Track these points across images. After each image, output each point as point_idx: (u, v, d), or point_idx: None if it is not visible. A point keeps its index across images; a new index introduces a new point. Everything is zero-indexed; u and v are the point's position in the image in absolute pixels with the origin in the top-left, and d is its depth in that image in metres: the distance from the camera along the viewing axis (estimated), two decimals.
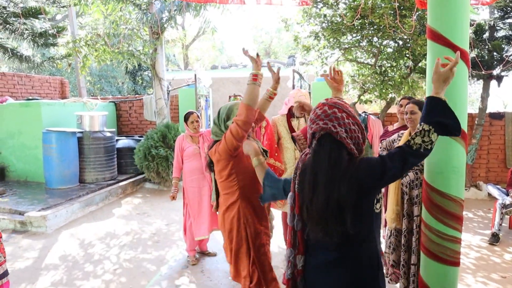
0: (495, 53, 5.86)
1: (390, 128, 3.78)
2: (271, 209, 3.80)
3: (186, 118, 3.89)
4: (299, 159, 1.64)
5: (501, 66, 5.81)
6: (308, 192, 1.47)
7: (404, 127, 3.34)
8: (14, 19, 6.13)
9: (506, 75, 6.12)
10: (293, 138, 2.24)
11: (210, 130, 4.09)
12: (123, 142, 7.75)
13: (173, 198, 3.88)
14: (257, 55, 2.28)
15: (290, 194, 1.63)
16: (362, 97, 6.33)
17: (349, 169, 1.43)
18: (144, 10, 7.50)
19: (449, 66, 1.56)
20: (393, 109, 6.58)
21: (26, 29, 6.40)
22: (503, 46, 5.89)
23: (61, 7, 7.43)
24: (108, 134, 6.95)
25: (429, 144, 1.45)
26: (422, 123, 1.48)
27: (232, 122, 2.25)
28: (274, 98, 2.50)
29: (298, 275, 1.61)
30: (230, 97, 3.95)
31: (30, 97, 8.23)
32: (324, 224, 1.42)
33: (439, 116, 1.49)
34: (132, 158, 7.32)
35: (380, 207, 1.55)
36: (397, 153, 1.47)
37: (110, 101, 9.05)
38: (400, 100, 3.50)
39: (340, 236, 1.43)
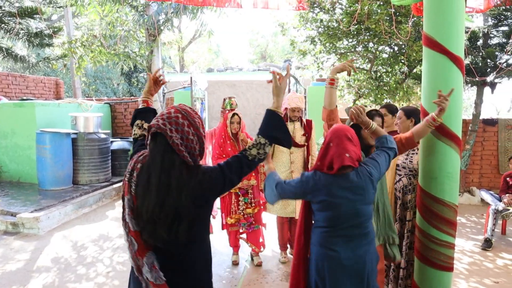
0: (488, 60, 5.92)
1: None
2: None
3: None
4: (135, 159, 1.54)
5: (494, 73, 5.87)
6: (142, 192, 1.43)
7: (394, 132, 3.35)
8: (9, 18, 6.08)
9: (500, 82, 6.18)
10: None
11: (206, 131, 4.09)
12: (118, 144, 7.71)
13: None
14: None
15: (127, 197, 1.50)
16: (357, 102, 6.36)
17: (192, 179, 1.42)
18: (141, 12, 7.49)
19: (284, 77, 1.69)
20: None
21: (22, 29, 6.35)
22: (497, 53, 5.95)
23: (58, 7, 7.40)
24: (103, 136, 6.91)
25: (263, 155, 1.56)
26: (260, 136, 1.57)
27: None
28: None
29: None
30: (224, 99, 3.96)
31: (24, 97, 8.16)
32: (152, 228, 1.40)
33: (275, 131, 1.59)
34: (126, 160, 7.28)
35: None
36: (235, 163, 1.52)
37: (105, 103, 9.01)
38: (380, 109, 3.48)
39: (166, 242, 1.42)
